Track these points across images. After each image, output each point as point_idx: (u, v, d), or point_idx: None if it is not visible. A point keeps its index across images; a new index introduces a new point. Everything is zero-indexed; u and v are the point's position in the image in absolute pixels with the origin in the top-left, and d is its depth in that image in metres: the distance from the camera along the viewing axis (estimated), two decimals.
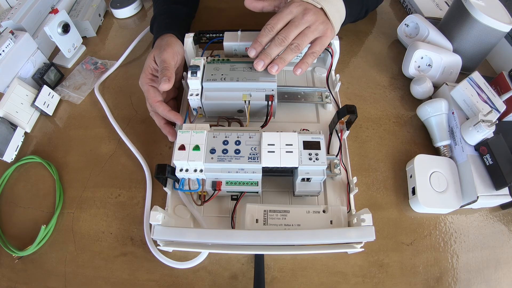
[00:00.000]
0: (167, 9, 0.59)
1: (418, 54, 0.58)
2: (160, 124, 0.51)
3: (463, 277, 0.45)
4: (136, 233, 0.46)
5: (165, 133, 0.51)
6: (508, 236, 0.49)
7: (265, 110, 0.49)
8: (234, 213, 0.45)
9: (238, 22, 0.70)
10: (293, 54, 0.46)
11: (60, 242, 0.46)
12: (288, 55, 0.47)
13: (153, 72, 0.51)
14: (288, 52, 0.47)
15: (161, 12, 0.59)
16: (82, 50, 0.66)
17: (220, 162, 0.41)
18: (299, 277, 0.44)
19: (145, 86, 0.50)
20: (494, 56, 0.66)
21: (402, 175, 0.52)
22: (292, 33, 0.46)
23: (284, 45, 0.46)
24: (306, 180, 0.43)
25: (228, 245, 0.40)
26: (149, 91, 0.50)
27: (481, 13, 0.54)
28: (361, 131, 0.55)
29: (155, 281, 0.43)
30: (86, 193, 0.50)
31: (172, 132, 0.51)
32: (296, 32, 0.46)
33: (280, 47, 0.46)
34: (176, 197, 0.47)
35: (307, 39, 0.47)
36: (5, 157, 0.51)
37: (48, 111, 0.56)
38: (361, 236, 0.38)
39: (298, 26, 0.46)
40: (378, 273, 0.45)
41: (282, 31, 0.46)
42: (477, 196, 0.46)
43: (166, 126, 0.51)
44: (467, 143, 0.50)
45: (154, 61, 0.51)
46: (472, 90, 0.52)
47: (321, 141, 0.43)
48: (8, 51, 0.54)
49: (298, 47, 0.46)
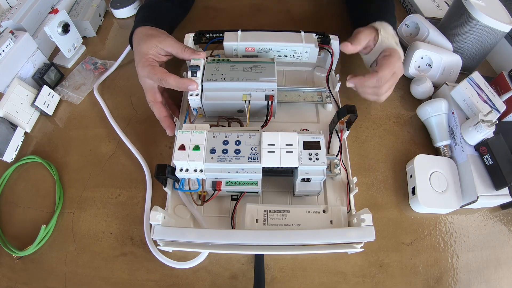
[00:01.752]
0: (149, 3, 0.57)
1: (418, 54, 0.58)
2: (160, 116, 0.50)
3: (463, 277, 0.45)
4: (136, 233, 0.46)
5: (164, 127, 0.50)
6: (508, 236, 0.49)
7: (265, 110, 0.49)
8: (234, 213, 0.45)
9: (238, 22, 0.70)
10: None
11: (60, 242, 0.46)
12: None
13: (152, 63, 0.49)
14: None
15: (144, 6, 0.57)
16: (82, 50, 0.66)
17: (220, 162, 0.41)
18: (299, 277, 0.44)
19: (147, 84, 0.49)
20: (494, 56, 0.66)
21: (402, 175, 0.52)
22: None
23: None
24: (306, 180, 0.43)
25: (228, 245, 0.40)
26: (148, 91, 0.49)
27: (481, 13, 0.54)
28: (361, 131, 0.55)
29: (155, 281, 0.43)
30: (86, 193, 0.50)
31: (171, 126, 0.50)
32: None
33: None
34: (176, 197, 0.47)
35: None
36: (5, 157, 0.51)
37: (48, 111, 0.56)
38: (361, 236, 0.38)
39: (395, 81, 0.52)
40: (378, 273, 0.45)
41: (388, 86, 0.51)
42: (477, 196, 0.46)
43: (166, 119, 0.50)
44: (467, 143, 0.50)
45: (148, 55, 0.49)
46: (472, 90, 0.52)
47: (321, 141, 0.43)
48: (8, 51, 0.54)
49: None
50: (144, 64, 0.47)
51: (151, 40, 0.49)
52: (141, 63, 0.48)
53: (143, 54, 0.48)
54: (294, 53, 0.55)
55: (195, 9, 0.73)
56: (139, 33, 0.51)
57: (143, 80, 0.49)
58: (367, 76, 0.49)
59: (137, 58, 0.49)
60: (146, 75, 0.48)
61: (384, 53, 0.51)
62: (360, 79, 0.50)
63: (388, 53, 0.50)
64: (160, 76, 0.47)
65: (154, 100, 0.50)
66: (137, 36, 0.51)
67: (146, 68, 0.47)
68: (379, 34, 0.51)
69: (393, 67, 0.49)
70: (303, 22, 0.71)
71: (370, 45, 0.52)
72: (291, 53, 0.55)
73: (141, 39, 0.49)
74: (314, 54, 0.55)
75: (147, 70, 0.47)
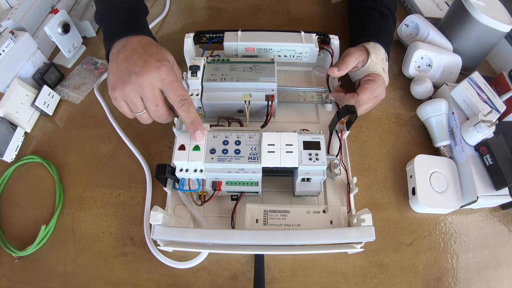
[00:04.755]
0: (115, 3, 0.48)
1: (418, 54, 0.58)
2: (195, 117, 0.42)
3: (463, 277, 0.45)
4: (136, 233, 0.46)
5: (196, 130, 0.42)
6: (508, 236, 0.49)
7: (265, 110, 0.49)
8: (234, 213, 0.45)
9: (238, 22, 0.70)
10: None
11: (60, 242, 0.46)
12: None
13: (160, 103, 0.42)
14: None
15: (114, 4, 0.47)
16: (82, 50, 0.66)
17: (220, 162, 0.41)
18: (299, 277, 0.44)
19: (157, 88, 0.41)
20: (494, 56, 0.66)
21: (402, 175, 0.52)
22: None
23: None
24: (306, 180, 0.44)
25: (228, 245, 0.40)
26: (159, 98, 0.42)
27: (481, 13, 0.54)
28: (361, 131, 0.55)
29: (155, 281, 0.43)
30: (86, 193, 0.50)
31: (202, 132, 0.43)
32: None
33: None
34: (176, 197, 0.47)
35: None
36: (5, 157, 0.51)
37: (48, 111, 0.56)
38: (361, 236, 0.38)
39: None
40: (378, 273, 0.45)
41: (366, 107, 0.52)
42: (477, 196, 0.46)
43: (192, 125, 0.42)
44: (467, 143, 0.50)
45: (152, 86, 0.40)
46: (472, 90, 0.52)
47: (321, 141, 0.43)
48: (8, 51, 0.54)
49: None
50: (171, 69, 0.41)
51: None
52: (159, 57, 0.41)
53: (166, 58, 0.42)
54: (294, 53, 0.55)
55: (195, 9, 0.73)
56: (144, 41, 0.43)
57: (158, 83, 0.40)
58: (347, 95, 0.51)
59: (150, 51, 0.41)
60: (173, 80, 0.40)
61: (368, 77, 0.52)
62: (341, 97, 0.52)
63: (372, 78, 0.52)
64: (187, 96, 0.41)
65: (165, 105, 0.42)
66: (142, 42, 0.43)
67: (173, 74, 0.41)
68: (369, 58, 0.52)
69: (374, 92, 0.51)
70: (303, 22, 0.71)
71: (358, 66, 0.53)
72: (291, 53, 0.55)
73: (157, 46, 0.43)
74: (314, 54, 0.55)
75: (174, 77, 0.40)
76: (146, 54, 0.41)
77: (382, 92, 0.52)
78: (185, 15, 0.72)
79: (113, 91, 0.41)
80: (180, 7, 0.73)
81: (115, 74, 0.41)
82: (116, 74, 0.41)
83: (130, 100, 0.41)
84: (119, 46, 0.43)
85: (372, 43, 0.53)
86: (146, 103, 0.42)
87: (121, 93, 0.41)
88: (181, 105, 0.41)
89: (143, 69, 0.39)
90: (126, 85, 0.40)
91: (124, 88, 0.40)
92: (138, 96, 0.41)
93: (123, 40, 0.43)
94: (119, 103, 0.42)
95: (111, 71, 0.42)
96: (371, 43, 0.53)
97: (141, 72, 0.39)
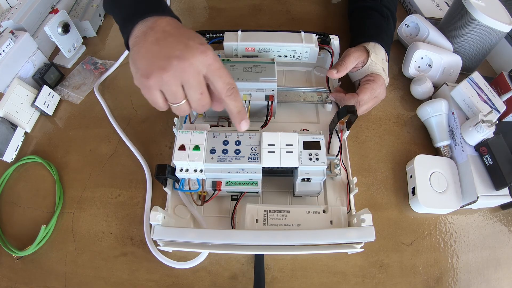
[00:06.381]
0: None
1: (418, 54, 0.58)
2: (241, 107, 0.38)
3: (463, 278, 0.45)
4: (136, 233, 0.46)
5: (241, 120, 0.38)
6: (508, 236, 0.49)
7: (265, 110, 0.49)
8: (234, 213, 0.45)
9: (238, 22, 0.70)
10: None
11: (60, 242, 0.46)
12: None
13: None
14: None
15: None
16: (82, 50, 0.66)
17: (220, 162, 0.41)
18: (299, 277, 0.44)
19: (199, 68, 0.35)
20: (494, 56, 0.66)
21: (402, 175, 0.52)
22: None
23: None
24: (306, 180, 0.44)
25: (228, 245, 0.40)
26: (201, 83, 0.36)
27: (481, 13, 0.54)
28: (361, 131, 0.55)
29: (155, 281, 0.43)
30: (86, 193, 0.50)
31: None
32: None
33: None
34: (176, 197, 0.47)
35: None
36: (5, 157, 0.51)
37: (48, 111, 0.56)
38: (361, 236, 0.38)
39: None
40: (378, 273, 0.45)
41: (366, 107, 0.52)
42: (477, 196, 0.46)
43: (239, 114, 0.38)
44: (467, 143, 0.50)
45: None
46: (472, 90, 0.52)
47: (321, 141, 0.43)
48: (8, 51, 0.54)
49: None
50: (215, 54, 0.36)
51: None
52: (201, 41, 0.35)
53: (200, 37, 0.36)
54: (294, 53, 0.55)
55: (195, 9, 0.73)
56: (175, 24, 0.37)
57: (204, 68, 0.35)
58: (347, 96, 0.51)
59: (188, 34, 0.36)
60: (220, 66, 0.35)
61: (368, 77, 0.52)
62: (341, 97, 0.52)
63: (372, 78, 0.52)
64: (235, 85, 0.37)
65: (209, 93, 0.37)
66: (173, 24, 0.37)
67: (219, 60, 0.36)
68: (369, 58, 0.52)
69: (374, 92, 0.51)
70: (303, 22, 0.71)
71: (358, 66, 0.53)
72: (291, 53, 0.55)
73: (192, 31, 0.37)
74: (314, 54, 0.55)
75: (220, 63, 0.36)
76: (185, 37, 0.35)
77: (382, 92, 0.52)
78: (185, 15, 0.72)
79: (147, 79, 0.34)
80: (180, 7, 0.73)
81: (146, 59, 0.34)
82: (148, 59, 0.34)
83: (168, 88, 0.35)
84: (144, 27, 0.37)
85: (372, 43, 0.53)
86: (187, 92, 0.36)
87: (158, 80, 0.34)
88: (229, 94, 0.36)
89: (185, 53, 0.34)
90: (165, 71, 0.33)
91: (162, 75, 0.33)
92: (179, 84, 0.35)
93: (148, 21, 0.37)
94: (153, 92, 0.35)
95: (140, 56, 0.35)
96: (371, 43, 0.53)
97: (184, 56, 0.33)
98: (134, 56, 0.36)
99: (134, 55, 0.36)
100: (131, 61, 0.36)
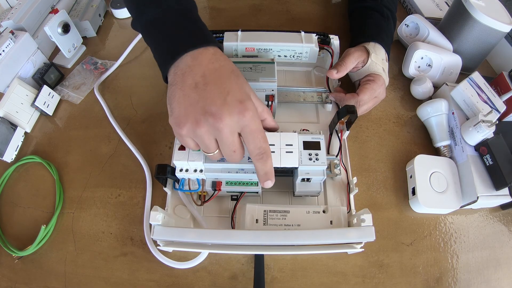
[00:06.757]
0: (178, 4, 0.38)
1: (418, 54, 0.58)
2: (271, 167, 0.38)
3: (463, 278, 0.45)
4: (136, 233, 0.46)
5: (268, 179, 0.37)
6: (508, 236, 0.49)
7: None
8: (234, 213, 0.45)
9: (238, 22, 0.70)
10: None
11: (60, 242, 0.46)
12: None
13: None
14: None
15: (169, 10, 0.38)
16: (82, 50, 0.66)
17: (220, 162, 0.41)
18: (299, 277, 0.44)
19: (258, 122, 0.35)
20: (494, 56, 0.66)
21: (402, 175, 0.52)
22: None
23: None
24: (306, 180, 0.43)
25: (228, 245, 0.40)
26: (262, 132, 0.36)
27: (481, 13, 0.54)
28: (361, 131, 0.55)
29: (155, 281, 0.43)
30: (86, 193, 0.50)
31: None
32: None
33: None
34: (176, 197, 0.47)
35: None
36: (5, 157, 0.51)
37: (48, 111, 0.56)
38: (361, 236, 0.38)
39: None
40: (378, 273, 0.45)
41: (366, 107, 0.52)
42: (477, 196, 0.46)
43: (265, 175, 0.38)
44: (467, 143, 0.50)
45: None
46: (472, 90, 0.52)
47: (321, 141, 0.43)
48: (8, 51, 0.54)
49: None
50: (255, 113, 0.35)
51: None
52: (241, 96, 0.34)
53: (248, 95, 0.35)
54: (294, 53, 0.55)
55: None
56: (217, 62, 0.36)
57: (239, 128, 0.34)
58: (347, 96, 0.51)
59: (229, 84, 0.34)
60: (256, 129, 0.35)
61: (368, 77, 0.52)
62: (341, 97, 0.52)
63: (372, 78, 0.52)
64: (267, 149, 0.36)
65: (242, 149, 0.37)
66: (214, 63, 0.35)
67: (257, 121, 0.35)
68: (369, 58, 0.52)
69: (374, 92, 0.51)
70: (303, 22, 0.71)
71: (358, 66, 0.53)
72: (291, 53, 0.55)
73: (234, 75, 0.36)
74: (314, 54, 0.55)
75: (257, 125, 0.35)
76: (224, 89, 0.34)
77: (382, 92, 0.52)
78: None
79: (179, 128, 0.34)
80: None
81: (182, 105, 0.34)
82: (185, 107, 0.33)
83: (201, 141, 0.35)
84: (184, 66, 0.35)
85: (372, 43, 0.53)
86: (221, 146, 0.35)
87: (190, 132, 0.34)
88: (259, 158, 0.36)
89: (222, 111, 0.32)
90: (199, 127, 0.33)
91: (196, 129, 0.33)
92: (212, 139, 0.35)
93: (188, 57, 0.35)
94: (184, 139, 0.36)
95: (175, 99, 0.34)
96: (371, 43, 0.53)
97: (220, 116, 0.32)
98: (170, 96, 0.35)
99: (170, 96, 0.35)
100: (167, 99, 0.35)
